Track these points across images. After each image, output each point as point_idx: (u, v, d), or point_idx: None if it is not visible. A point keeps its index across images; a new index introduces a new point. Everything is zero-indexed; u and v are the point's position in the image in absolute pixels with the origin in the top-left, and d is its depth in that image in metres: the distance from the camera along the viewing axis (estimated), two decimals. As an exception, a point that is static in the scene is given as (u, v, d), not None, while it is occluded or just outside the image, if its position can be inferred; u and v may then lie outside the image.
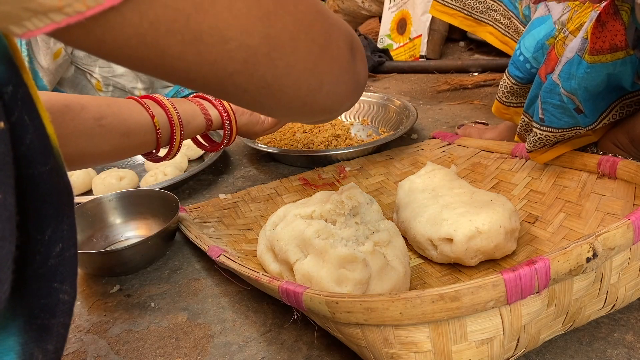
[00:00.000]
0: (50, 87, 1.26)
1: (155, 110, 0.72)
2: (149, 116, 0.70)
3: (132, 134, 0.69)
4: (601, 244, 0.46)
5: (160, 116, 0.72)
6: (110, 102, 0.68)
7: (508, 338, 0.45)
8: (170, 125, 0.72)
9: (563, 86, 0.69)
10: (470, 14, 0.98)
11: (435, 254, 0.67)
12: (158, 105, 0.73)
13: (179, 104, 0.75)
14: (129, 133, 0.68)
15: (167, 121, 0.72)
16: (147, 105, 0.71)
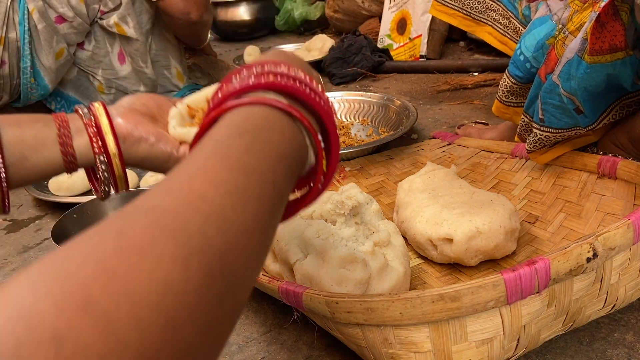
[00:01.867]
0: (52, 86, 1.26)
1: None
2: None
3: None
4: (601, 244, 0.46)
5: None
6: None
7: (508, 338, 0.45)
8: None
9: (563, 86, 0.69)
10: (470, 13, 0.98)
11: (435, 254, 0.67)
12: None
13: (19, 124, 0.45)
14: None
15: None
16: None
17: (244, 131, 0.30)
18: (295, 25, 2.35)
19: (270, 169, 0.29)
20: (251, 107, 0.33)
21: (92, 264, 0.20)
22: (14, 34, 1.16)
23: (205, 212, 0.24)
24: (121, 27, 1.28)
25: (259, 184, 0.28)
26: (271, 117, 0.32)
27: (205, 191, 0.25)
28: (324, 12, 2.22)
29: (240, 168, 0.28)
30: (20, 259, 0.83)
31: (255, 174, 0.28)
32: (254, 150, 0.29)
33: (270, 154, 0.30)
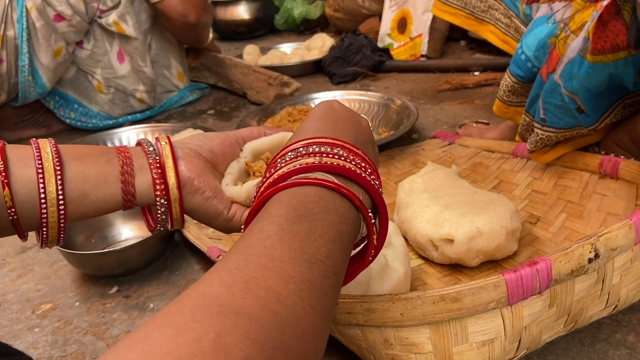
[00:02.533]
0: (50, 84, 1.26)
1: (18, 175, 0.41)
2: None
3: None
4: (603, 245, 0.46)
5: (22, 186, 0.41)
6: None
7: (509, 339, 0.45)
8: (40, 202, 0.42)
9: (564, 86, 0.69)
10: (472, 13, 0.97)
11: (436, 254, 0.66)
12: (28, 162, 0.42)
13: (82, 159, 0.44)
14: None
15: (36, 196, 0.42)
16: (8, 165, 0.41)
17: (302, 215, 0.32)
18: (295, 24, 2.35)
19: (329, 254, 0.31)
20: (303, 188, 0.34)
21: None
22: (12, 32, 1.16)
23: (282, 317, 0.26)
24: (120, 25, 1.28)
25: (321, 274, 0.30)
26: (324, 197, 0.34)
27: (280, 290, 0.27)
28: (324, 11, 2.21)
29: (305, 259, 0.30)
30: (18, 259, 0.83)
31: (317, 263, 0.30)
32: (314, 237, 0.31)
33: (329, 237, 0.32)
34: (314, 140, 0.38)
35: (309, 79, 1.63)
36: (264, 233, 0.31)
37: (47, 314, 0.69)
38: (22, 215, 0.42)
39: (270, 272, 0.28)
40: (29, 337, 0.65)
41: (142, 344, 0.23)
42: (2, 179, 0.41)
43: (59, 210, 0.43)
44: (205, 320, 0.24)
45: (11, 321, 0.68)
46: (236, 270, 0.28)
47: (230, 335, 0.24)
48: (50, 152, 0.43)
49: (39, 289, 0.75)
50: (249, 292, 0.26)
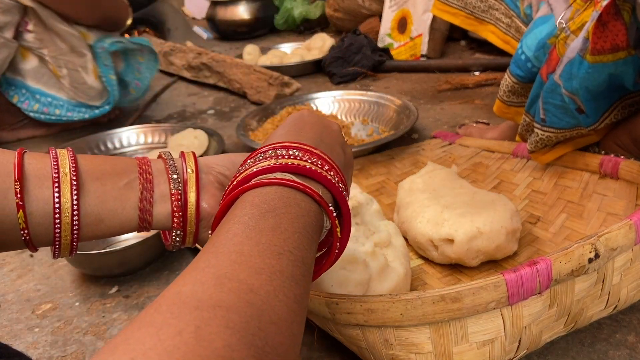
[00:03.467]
0: None
1: (35, 196, 0.40)
2: (14, 205, 0.40)
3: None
4: (603, 245, 0.45)
5: (38, 208, 0.40)
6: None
7: (509, 339, 0.45)
8: (54, 226, 0.41)
9: (564, 86, 0.69)
10: (472, 13, 0.97)
11: (436, 254, 0.66)
12: (46, 181, 0.41)
13: (101, 179, 0.43)
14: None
15: (51, 219, 0.41)
16: (24, 184, 0.40)
17: (266, 212, 0.34)
18: (295, 24, 2.35)
19: (296, 245, 0.33)
20: (264, 188, 0.36)
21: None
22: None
23: (258, 305, 0.27)
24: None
25: (290, 263, 0.31)
26: (285, 194, 0.36)
27: (252, 282, 0.28)
28: (324, 11, 2.21)
29: (272, 251, 0.31)
30: (18, 259, 0.83)
31: (285, 254, 0.31)
32: (280, 230, 0.33)
33: (293, 230, 0.33)
34: (272, 145, 0.40)
35: (309, 79, 1.63)
36: (230, 232, 0.32)
37: (47, 314, 0.69)
38: (34, 235, 0.41)
39: (241, 266, 0.29)
40: (29, 337, 0.65)
41: (123, 345, 0.23)
42: (17, 200, 0.39)
43: (72, 234, 0.42)
44: (183, 316, 0.25)
45: (11, 321, 0.68)
46: (207, 268, 0.29)
47: (210, 326, 0.24)
48: (69, 173, 0.41)
49: (39, 289, 0.74)
50: (223, 286, 0.27)
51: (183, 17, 2.41)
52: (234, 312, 0.26)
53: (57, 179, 0.41)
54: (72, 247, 0.44)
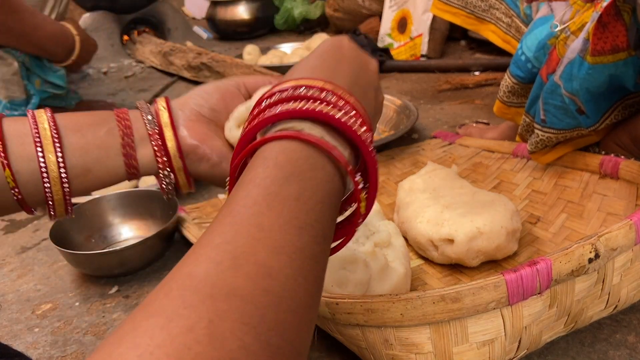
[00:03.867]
0: None
1: (18, 154, 0.41)
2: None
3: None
4: (603, 245, 0.45)
5: (23, 165, 0.41)
6: None
7: (509, 339, 0.45)
8: (43, 181, 0.41)
9: (564, 87, 0.69)
10: (473, 12, 0.97)
11: (436, 254, 0.66)
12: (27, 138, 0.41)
13: (81, 131, 0.43)
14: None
15: (39, 175, 0.41)
16: (6, 144, 0.40)
17: (290, 174, 0.30)
18: (295, 24, 2.35)
19: (318, 217, 0.30)
20: (290, 143, 0.31)
21: None
22: None
23: (275, 293, 0.25)
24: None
25: (311, 239, 0.28)
26: (313, 155, 0.31)
27: (271, 264, 0.26)
28: (324, 11, 2.21)
29: (294, 225, 0.28)
30: (18, 259, 0.83)
31: (307, 228, 0.28)
32: (303, 199, 0.29)
33: (316, 199, 0.30)
34: (303, 81, 0.34)
35: (309, 79, 1.63)
36: (250, 198, 0.29)
37: (47, 314, 0.69)
38: (26, 194, 0.41)
39: (260, 242, 0.26)
40: (29, 337, 0.65)
41: (131, 335, 0.22)
42: (1, 159, 0.40)
43: (63, 188, 0.42)
44: (196, 305, 0.23)
45: (11, 321, 0.68)
46: (224, 244, 0.26)
47: (224, 321, 0.23)
48: (48, 127, 0.41)
49: (39, 289, 0.74)
50: (239, 269, 0.25)
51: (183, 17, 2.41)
52: (250, 303, 0.24)
53: (37, 135, 0.41)
54: (65, 203, 0.43)
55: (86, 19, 2.05)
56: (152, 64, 1.92)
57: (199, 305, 0.23)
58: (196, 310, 0.22)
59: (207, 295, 0.23)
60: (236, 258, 0.25)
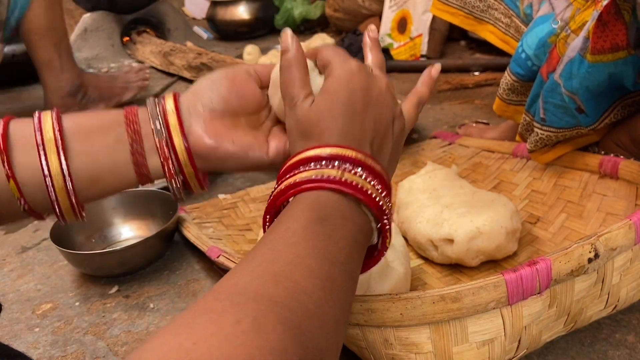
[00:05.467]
0: None
1: (24, 164, 0.39)
2: (3, 177, 0.39)
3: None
4: (603, 245, 0.45)
5: (29, 176, 0.39)
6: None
7: (509, 339, 0.45)
8: (48, 192, 0.40)
9: (564, 86, 0.69)
10: (471, 12, 0.97)
11: (436, 254, 0.66)
12: (32, 146, 0.39)
13: (89, 136, 0.41)
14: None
15: (43, 186, 0.39)
16: (12, 154, 0.39)
17: (324, 219, 0.34)
18: (295, 24, 2.35)
19: (347, 258, 0.33)
20: (325, 193, 0.35)
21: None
22: None
23: (310, 308, 0.28)
24: None
25: (341, 274, 0.32)
26: (343, 205, 0.35)
27: (306, 284, 0.29)
28: (324, 11, 2.21)
29: (327, 258, 0.31)
30: (18, 259, 0.83)
31: (337, 264, 0.32)
32: (335, 239, 0.33)
33: (347, 242, 0.34)
34: (337, 152, 0.37)
35: (309, 79, 1.63)
36: (289, 231, 0.32)
37: (47, 313, 0.69)
38: (34, 203, 0.40)
39: (297, 267, 0.30)
40: (29, 337, 0.65)
41: (186, 327, 0.24)
42: (6, 171, 0.38)
43: (70, 198, 0.40)
44: (242, 306, 0.26)
45: (11, 321, 0.68)
46: (265, 263, 0.30)
47: (267, 319, 0.25)
48: (53, 138, 0.39)
49: (39, 289, 0.75)
50: (279, 284, 0.28)
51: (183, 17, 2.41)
52: (288, 310, 0.27)
53: (42, 145, 0.39)
54: (74, 210, 0.42)
55: (86, 19, 2.05)
56: (152, 64, 1.92)
57: (245, 305, 0.26)
58: (242, 309, 0.25)
59: (251, 299, 0.26)
60: (276, 275, 0.29)
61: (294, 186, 0.36)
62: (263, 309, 0.26)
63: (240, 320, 0.25)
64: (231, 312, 0.25)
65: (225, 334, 0.24)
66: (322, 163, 0.37)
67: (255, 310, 0.26)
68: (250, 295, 0.27)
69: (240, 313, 0.25)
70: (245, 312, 0.25)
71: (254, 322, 0.25)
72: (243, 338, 0.24)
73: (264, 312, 0.26)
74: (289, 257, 0.30)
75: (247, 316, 0.25)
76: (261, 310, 0.26)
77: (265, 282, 0.28)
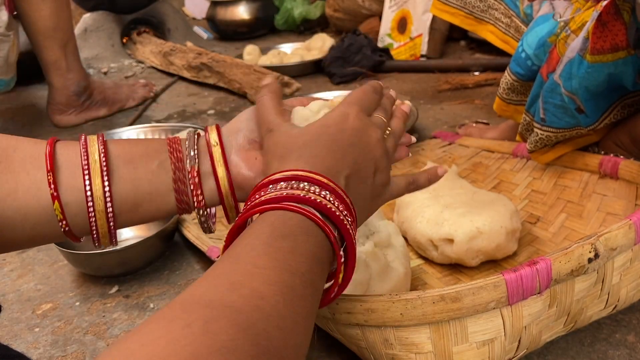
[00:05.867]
0: None
1: (67, 186, 0.40)
2: (49, 197, 0.39)
3: (7, 227, 0.39)
4: (603, 245, 0.46)
5: (72, 198, 0.40)
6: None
7: (509, 339, 0.45)
8: (88, 214, 0.41)
9: (564, 86, 0.69)
10: (471, 12, 0.97)
11: (436, 254, 0.66)
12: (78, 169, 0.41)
13: (133, 162, 0.42)
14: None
15: (85, 208, 0.40)
16: (57, 175, 0.40)
17: (285, 235, 0.34)
18: (295, 24, 2.35)
19: (309, 270, 0.33)
20: (287, 213, 0.36)
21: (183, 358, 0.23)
22: None
23: (266, 310, 0.28)
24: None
25: (302, 283, 0.32)
26: (305, 225, 0.35)
27: (263, 290, 0.29)
28: (324, 11, 2.21)
29: (287, 269, 0.32)
30: (18, 259, 0.83)
31: (298, 274, 0.32)
32: (296, 253, 0.33)
33: (307, 256, 0.34)
34: (307, 175, 0.37)
35: (309, 79, 1.63)
36: (249, 246, 0.33)
37: (48, 313, 0.69)
38: (74, 225, 0.41)
39: (255, 276, 0.30)
40: (29, 336, 0.65)
41: (136, 335, 0.25)
42: (51, 191, 0.39)
43: (108, 222, 0.41)
44: (193, 312, 0.26)
45: (11, 321, 0.68)
46: (222, 274, 0.30)
47: (217, 322, 0.25)
48: (98, 160, 0.41)
49: (39, 289, 0.75)
50: (235, 291, 0.28)
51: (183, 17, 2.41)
52: (242, 314, 0.27)
53: (87, 167, 0.40)
54: (110, 234, 0.43)
55: (86, 19, 2.05)
56: (152, 64, 1.92)
57: (196, 311, 0.26)
58: (193, 314, 0.26)
59: (203, 305, 0.27)
60: (233, 284, 0.29)
61: (259, 205, 0.36)
62: (215, 314, 0.26)
63: (190, 324, 0.25)
64: (182, 318, 0.25)
65: (173, 336, 0.24)
66: (291, 183, 0.37)
67: (206, 315, 0.26)
68: (203, 303, 0.27)
69: (190, 318, 0.25)
70: (195, 317, 0.25)
71: (205, 325, 0.25)
72: (192, 339, 0.24)
73: (216, 316, 0.26)
74: (247, 267, 0.31)
75: (197, 320, 0.25)
76: (213, 314, 0.26)
77: (220, 290, 0.28)
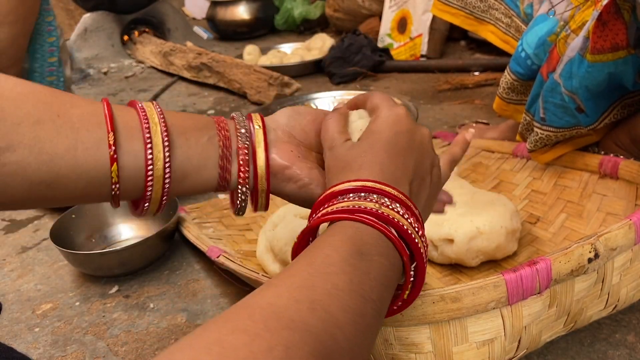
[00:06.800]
0: None
1: (125, 149, 0.39)
2: (106, 158, 0.38)
3: (60, 184, 0.37)
4: (603, 245, 0.46)
5: (129, 161, 0.39)
6: (43, 116, 0.36)
7: (509, 339, 0.45)
8: (146, 179, 0.40)
9: (564, 85, 0.69)
10: (472, 12, 0.97)
11: (436, 254, 0.66)
12: (135, 133, 0.39)
13: (185, 134, 0.42)
14: (53, 184, 0.37)
15: (143, 172, 0.39)
16: (115, 136, 0.38)
17: (362, 253, 0.34)
18: (295, 24, 2.35)
19: (379, 297, 0.34)
20: (363, 226, 0.36)
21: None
22: None
23: (340, 342, 0.29)
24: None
25: (372, 311, 0.32)
26: (381, 242, 0.36)
27: (339, 317, 0.30)
28: (324, 11, 2.21)
29: (361, 294, 0.32)
30: (18, 259, 0.83)
31: (370, 301, 0.32)
32: (371, 277, 0.33)
33: (380, 280, 0.34)
34: (375, 186, 0.38)
35: (309, 79, 1.63)
36: (329, 258, 0.33)
37: (48, 313, 0.69)
38: (123, 190, 0.39)
39: (333, 298, 0.30)
40: (29, 336, 0.65)
41: (218, 347, 0.24)
42: (111, 153, 0.38)
43: (164, 189, 0.41)
44: (275, 331, 0.26)
45: (11, 321, 0.68)
46: (304, 288, 0.30)
47: (299, 350, 0.26)
48: (159, 124, 0.40)
49: (39, 289, 0.75)
50: (314, 312, 0.29)
51: (183, 17, 2.41)
52: (320, 343, 0.27)
53: (148, 130, 0.39)
54: (161, 202, 0.42)
55: (86, 19, 2.05)
56: (152, 64, 1.92)
57: (278, 332, 0.26)
58: (276, 335, 0.26)
59: (285, 326, 0.27)
60: (313, 302, 0.29)
61: (332, 213, 0.37)
62: (297, 339, 0.26)
63: (272, 348, 0.25)
64: (264, 338, 0.25)
65: (255, 358, 0.24)
66: (360, 195, 0.37)
67: (288, 339, 0.26)
68: (285, 321, 0.27)
69: (273, 340, 0.25)
70: (278, 340, 0.26)
71: (286, 352, 0.25)
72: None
73: (298, 343, 0.26)
74: (326, 286, 0.31)
75: (279, 344, 0.25)
76: (295, 340, 0.26)
77: (301, 309, 0.29)
